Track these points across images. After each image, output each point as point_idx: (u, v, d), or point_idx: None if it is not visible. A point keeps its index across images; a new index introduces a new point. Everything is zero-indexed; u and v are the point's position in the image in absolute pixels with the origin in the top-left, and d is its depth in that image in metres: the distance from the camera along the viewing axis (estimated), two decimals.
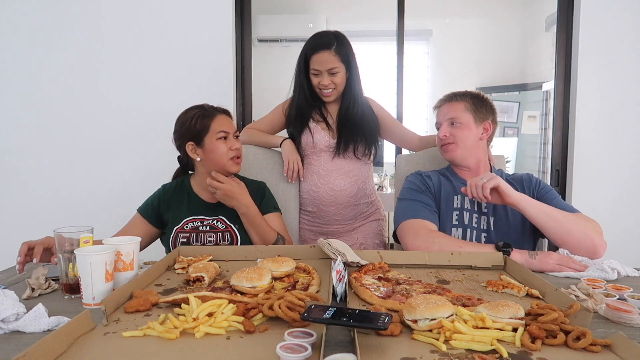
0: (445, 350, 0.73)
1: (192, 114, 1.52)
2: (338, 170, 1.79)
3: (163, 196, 1.59)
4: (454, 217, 1.51)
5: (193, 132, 1.50)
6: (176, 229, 1.53)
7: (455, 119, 1.52)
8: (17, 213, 2.49)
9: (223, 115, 1.55)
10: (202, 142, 1.50)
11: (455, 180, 1.57)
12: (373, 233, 1.87)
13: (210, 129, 1.50)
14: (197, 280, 1.08)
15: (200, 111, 1.53)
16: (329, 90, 1.73)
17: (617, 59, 2.35)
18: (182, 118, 1.55)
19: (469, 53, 4.68)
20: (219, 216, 1.55)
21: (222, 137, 1.50)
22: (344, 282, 0.98)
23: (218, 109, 1.56)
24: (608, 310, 0.90)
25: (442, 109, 1.58)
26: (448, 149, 1.54)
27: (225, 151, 1.50)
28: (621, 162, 2.38)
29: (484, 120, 1.55)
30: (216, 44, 2.42)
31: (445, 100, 1.59)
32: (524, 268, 1.12)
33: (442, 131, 1.54)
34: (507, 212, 1.49)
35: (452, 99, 1.57)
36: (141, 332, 0.79)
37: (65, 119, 2.47)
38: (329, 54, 1.68)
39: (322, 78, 1.71)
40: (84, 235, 1.05)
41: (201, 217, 1.55)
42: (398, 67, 2.77)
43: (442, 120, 1.56)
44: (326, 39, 1.70)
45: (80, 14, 2.43)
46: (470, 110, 1.53)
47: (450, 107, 1.55)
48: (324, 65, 1.68)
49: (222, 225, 1.54)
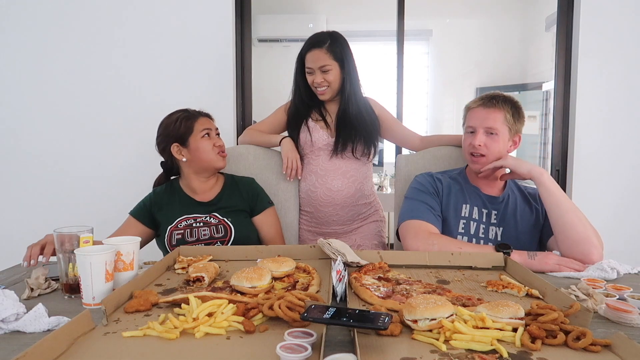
0: (445, 350, 0.73)
1: (175, 117, 1.58)
2: (336, 170, 1.79)
3: (155, 198, 1.62)
4: (461, 226, 1.49)
5: (177, 133, 1.56)
6: (170, 228, 1.54)
7: (493, 129, 1.42)
8: (17, 213, 2.48)
9: (205, 117, 1.62)
10: (186, 142, 1.56)
11: (467, 186, 1.53)
12: (372, 235, 1.86)
13: (194, 130, 1.56)
14: (197, 280, 1.08)
15: (184, 114, 1.59)
16: (322, 88, 1.74)
17: (617, 59, 2.35)
18: (165, 122, 1.60)
19: (469, 53, 4.68)
20: (211, 213, 1.57)
21: (206, 134, 1.57)
22: (344, 282, 0.98)
23: (200, 112, 1.62)
24: (608, 310, 0.90)
25: (480, 113, 1.45)
26: (479, 161, 1.44)
27: (210, 148, 1.56)
28: (621, 162, 2.38)
29: (516, 134, 1.47)
30: (216, 44, 2.42)
31: (486, 104, 1.45)
32: (524, 268, 1.12)
33: (478, 140, 1.42)
34: (517, 222, 1.48)
35: (494, 105, 1.43)
36: (141, 332, 0.79)
37: (65, 119, 2.47)
38: (320, 51, 1.70)
39: (315, 76, 1.72)
40: (84, 235, 1.05)
41: (194, 215, 1.57)
42: (398, 67, 2.77)
43: (478, 127, 1.43)
44: (319, 37, 1.73)
45: (81, 14, 2.43)
46: (509, 122, 1.43)
47: (490, 114, 1.43)
48: (315, 62, 1.70)
49: (215, 220, 1.56)
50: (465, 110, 1.53)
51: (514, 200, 1.51)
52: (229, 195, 1.63)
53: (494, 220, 1.49)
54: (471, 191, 1.52)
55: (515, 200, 1.51)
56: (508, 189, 1.53)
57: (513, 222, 1.48)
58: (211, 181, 1.64)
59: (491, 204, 1.50)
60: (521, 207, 1.50)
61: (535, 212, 1.49)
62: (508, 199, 1.51)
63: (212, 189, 1.64)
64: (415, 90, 4.81)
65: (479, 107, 1.46)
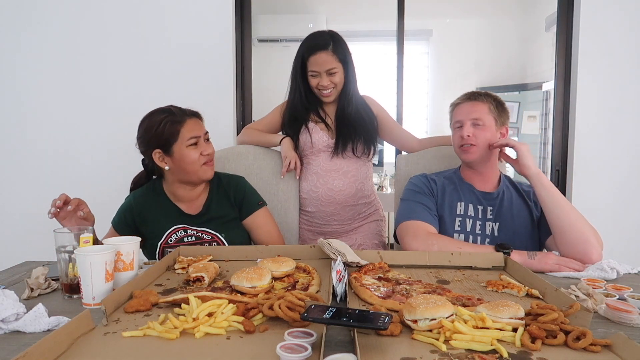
0: (445, 350, 0.73)
1: (159, 119, 1.39)
2: (337, 170, 1.79)
3: (135, 207, 1.49)
4: (457, 224, 1.50)
5: (160, 139, 1.38)
6: (161, 243, 1.46)
7: (479, 119, 1.46)
8: (17, 213, 2.48)
9: (193, 119, 1.42)
10: (170, 150, 1.39)
11: (461, 185, 1.54)
12: (372, 234, 1.87)
13: (180, 136, 1.38)
14: (197, 280, 1.08)
15: (168, 116, 1.39)
16: (328, 91, 1.73)
17: (617, 59, 2.35)
18: (147, 122, 1.41)
19: (469, 53, 4.68)
20: (203, 228, 1.47)
21: (193, 144, 1.39)
22: (344, 282, 0.98)
23: (187, 112, 1.43)
24: (608, 310, 0.90)
25: (464, 108, 1.50)
26: (470, 150, 1.47)
27: (196, 158, 1.39)
28: (621, 161, 2.38)
29: (502, 125, 1.50)
30: (216, 44, 2.42)
31: (468, 98, 1.51)
32: (524, 268, 1.12)
33: (466, 131, 1.46)
34: (513, 217, 1.48)
35: (477, 99, 1.50)
36: (141, 332, 0.79)
37: (65, 119, 2.47)
38: (326, 54, 1.67)
39: (321, 79, 1.70)
40: (84, 235, 1.05)
41: (183, 226, 1.47)
42: (398, 67, 2.77)
43: (464, 119, 1.48)
44: (322, 39, 1.70)
45: (82, 14, 2.43)
46: (494, 112, 1.48)
47: (474, 106, 1.48)
48: (322, 66, 1.68)
49: (208, 236, 1.47)
50: (451, 108, 1.58)
51: (509, 195, 1.52)
52: (217, 203, 1.51)
53: (490, 216, 1.50)
54: (465, 189, 1.53)
55: (511, 195, 1.52)
56: (502, 184, 1.54)
57: (509, 217, 1.48)
58: (198, 189, 1.50)
59: (486, 200, 1.51)
60: (517, 202, 1.51)
61: (530, 208, 1.50)
62: (503, 195, 1.52)
63: (199, 198, 1.51)
64: (415, 90, 4.81)
65: (463, 102, 1.52)
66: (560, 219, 1.32)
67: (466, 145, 1.47)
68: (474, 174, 1.55)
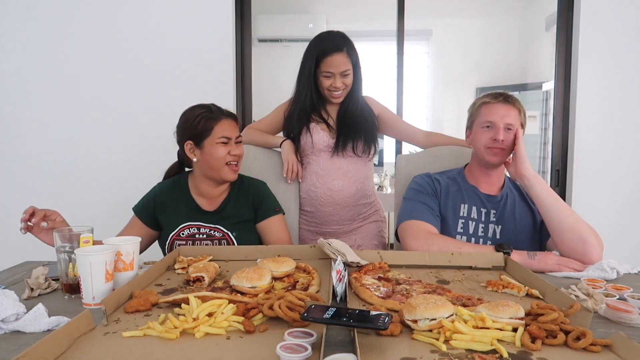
0: (445, 350, 0.73)
1: (197, 113, 1.47)
2: (337, 170, 1.79)
3: (159, 197, 1.54)
4: (459, 225, 1.49)
5: (194, 131, 1.46)
6: (172, 235, 1.50)
7: (512, 125, 1.43)
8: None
9: (229, 119, 1.49)
10: (201, 143, 1.46)
11: (465, 186, 1.54)
12: (372, 235, 1.86)
13: (212, 133, 1.45)
14: (197, 280, 1.08)
15: (206, 112, 1.47)
16: (339, 92, 1.73)
17: (617, 59, 2.35)
18: (186, 114, 1.50)
19: (469, 53, 4.68)
20: (216, 225, 1.51)
21: (223, 142, 1.46)
22: (344, 282, 0.98)
23: (225, 112, 1.51)
24: (608, 310, 0.90)
25: (499, 109, 1.45)
26: (499, 153, 1.45)
27: (223, 155, 1.45)
28: (621, 162, 2.38)
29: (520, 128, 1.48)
30: (216, 44, 2.42)
31: (504, 101, 1.46)
32: (524, 268, 1.12)
33: (502, 135, 1.42)
34: (516, 221, 1.48)
35: (512, 103, 1.46)
36: (141, 332, 0.79)
37: (67, 119, 2.47)
38: (342, 56, 1.68)
39: (335, 80, 1.70)
40: (84, 235, 1.05)
41: (198, 224, 1.51)
42: (398, 67, 2.77)
43: (498, 122, 1.43)
44: (336, 40, 1.70)
45: (83, 14, 2.43)
46: (521, 118, 1.46)
47: (509, 110, 1.44)
48: (338, 67, 1.68)
49: (219, 234, 1.50)
50: (479, 105, 1.51)
51: (512, 198, 1.52)
52: (235, 202, 1.55)
53: (493, 219, 1.49)
54: (469, 190, 1.53)
55: (514, 198, 1.52)
56: (506, 187, 1.54)
57: (512, 221, 1.48)
58: (220, 188, 1.55)
59: (490, 203, 1.50)
60: (520, 206, 1.50)
61: (533, 211, 1.50)
62: (506, 198, 1.51)
63: (220, 196, 1.56)
64: (415, 90, 4.80)
65: (497, 103, 1.46)
66: (559, 221, 1.32)
67: (497, 149, 1.45)
68: (481, 176, 1.53)
